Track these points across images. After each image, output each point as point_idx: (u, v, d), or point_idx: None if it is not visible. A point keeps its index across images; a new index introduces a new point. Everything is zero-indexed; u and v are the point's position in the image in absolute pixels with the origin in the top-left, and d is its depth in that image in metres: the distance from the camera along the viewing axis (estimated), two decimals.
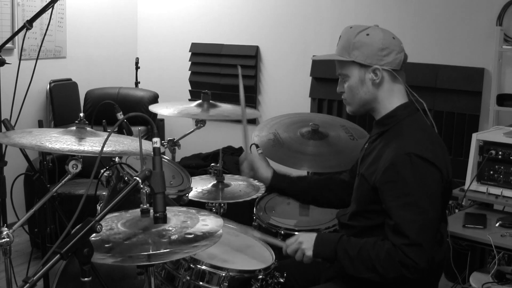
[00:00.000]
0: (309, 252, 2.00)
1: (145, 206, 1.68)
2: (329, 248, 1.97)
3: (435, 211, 1.88)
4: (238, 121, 2.78)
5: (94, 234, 1.45)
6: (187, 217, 1.85)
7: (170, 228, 1.73)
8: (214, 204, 2.78)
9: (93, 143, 1.97)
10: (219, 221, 1.84)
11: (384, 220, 1.91)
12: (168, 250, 1.63)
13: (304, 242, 2.02)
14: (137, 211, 1.75)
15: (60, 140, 1.96)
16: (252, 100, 5.02)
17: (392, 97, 2.02)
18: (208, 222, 1.82)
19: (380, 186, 1.90)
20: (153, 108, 2.94)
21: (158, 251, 1.62)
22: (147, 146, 1.74)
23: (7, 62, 2.34)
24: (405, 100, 2.03)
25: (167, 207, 1.61)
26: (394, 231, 1.85)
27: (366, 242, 1.91)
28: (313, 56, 2.24)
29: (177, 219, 1.81)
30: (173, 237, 1.68)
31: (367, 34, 1.98)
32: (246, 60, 5.02)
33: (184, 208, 1.98)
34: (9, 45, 3.39)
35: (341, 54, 2.03)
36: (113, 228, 1.76)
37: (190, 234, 1.71)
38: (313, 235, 2.03)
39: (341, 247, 1.93)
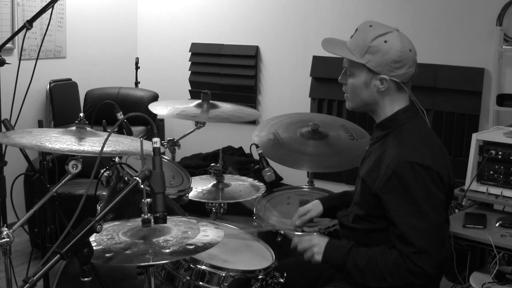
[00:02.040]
0: (319, 257, 2.01)
1: (146, 216, 1.68)
2: (338, 256, 1.98)
3: (440, 217, 1.89)
4: (238, 122, 2.78)
5: (95, 242, 1.45)
6: (188, 228, 1.85)
7: (171, 239, 1.73)
8: (214, 204, 2.78)
9: (93, 143, 1.97)
10: (219, 232, 1.84)
11: (387, 224, 1.92)
12: (168, 261, 1.62)
13: (317, 246, 2.03)
14: (138, 220, 1.75)
15: (60, 140, 1.96)
16: (252, 100, 5.02)
17: (393, 104, 2.01)
18: (208, 233, 1.82)
19: (383, 195, 1.91)
20: (152, 107, 2.93)
21: (158, 262, 1.63)
22: (147, 146, 1.74)
23: (7, 62, 2.34)
24: (405, 104, 2.02)
25: (169, 217, 1.61)
26: (401, 240, 1.86)
27: (374, 252, 1.92)
28: (324, 39, 2.18)
29: (178, 229, 1.81)
30: (173, 248, 1.68)
31: (385, 41, 1.93)
32: (246, 60, 5.01)
33: (185, 218, 1.98)
34: (9, 45, 3.39)
35: (353, 51, 1.98)
36: (114, 237, 1.76)
37: (191, 245, 1.71)
38: (326, 240, 2.04)
39: (351, 258, 1.94)
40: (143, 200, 1.65)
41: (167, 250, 1.67)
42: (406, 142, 1.94)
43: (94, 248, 1.47)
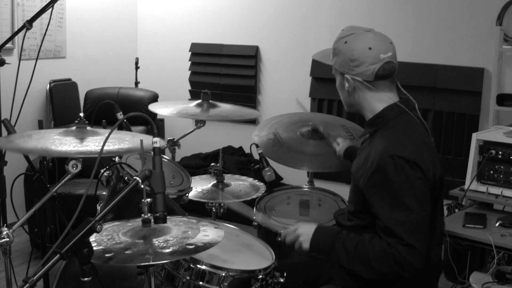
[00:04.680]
0: (306, 245, 2.03)
1: (146, 216, 1.68)
2: (327, 239, 1.99)
3: (424, 210, 1.88)
4: (238, 121, 2.78)
5: (95, 242, 1.45)
6: (188, 227, 1.85)
7: (171, 239, 1.73)
8: (214, 204, 2.78)
9: (98, 143, 1.96)
10: (219, 232, 1.84)
11: (374, 220, 1.93)
12: (168, 261, 1.63)
13: (303, 234, 2.05)
14: (138, 220, 1.75)
15: (64, 143, 1.95)
16: (252, 100, 5.02)
17: (372, 104, 2.04)
18: (208, 233, 1.82)
19: (367, 190, 1.93)
20: (152, 107, 2.93)
21: (158, 262, 1.63)
22: (148, 140, 1.73)
23: (7, 62, 2.35)
24: (392, 101, 2.03)
25: (169, 217, 1.61)
26: (386, 233, 1.87)
27: (363, 237, 1.93)
28: (314, 55, 2.28)
29: (178, 229, 1.81)
30: (173, 248, 1.68)
31: (345, 42, 2.02)
32: (246, 60, 5.02)
33: (185, 218, 1.98)
34: (9, 45, 3.39)
35: (331, 55, 2.10)
36: (114, 237, 1.76)
37: (191, 244, 1.71)
38: (312, 228, 2.05)
39: (340, 240, 1.95)
40: (143, 200, 1.65)
41: (167, 250, 1.67)
42: (390, 137, 1.96)
43: (94, 248, 1.47)
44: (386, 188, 1.88)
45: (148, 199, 1.65)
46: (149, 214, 1.68)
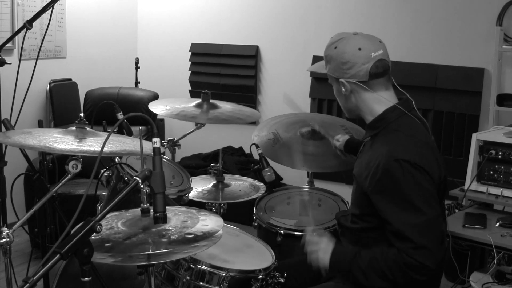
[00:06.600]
0: (324, 262, 2.01)
1: (145, 205, 1.68)
2: (344, 262, 1.98)
3: (434, 211, 1.89)
4: (238, 121, 2.77)
5: (94, 234, 1.45)
6: (187, 217, 1.85)
7: (170, 228, 1.73)
8: (214, 204, 2.78)
9: (98, 143, 1.97)
10: (219, 221, 1.84)
11: (380, 222, 1.93)
12: (168, 250, 1.63)
13: (322, 251, 2.03)
14: (137, 210, 1.75)
15: (67, 141, 1.95)
16: (252, 100, 5.02)
17: (370, 106, 2.04)
18: (208, 222, 1.82)
19: (374, 195, 1.92)
20: (152, 106, 2.92)
21: (157, 251, 1.63)
22: (148, 145, 1.74)
23: (7, 62, 2.34)
24: (390, 104, 2.03)
25: (167, 207, 1.61)
26: (397, 237, 1.87)
27: (375, 252, 1.93)
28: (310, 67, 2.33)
29: (177, 219, 1.81)
30: (173, 237, 1.68)
31: (335, 47, 2.03)
32: (246, 60, 5.01)
33: (184, 208, 1.98)
34: (9, 45, 3.39)
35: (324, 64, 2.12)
36: (113, 227, 1.76)
37: (190, 234, 1.71)
38: (330, 248, 2.03)
39: (355, 263, 1.95)
40: (141, 189, 1.63)
41: (167, 239, 1.67)
42: (393, 140, 1.96)
43: (93, 238, 1.47)
44: (395, 192, 1.88)
45: (147, 188, 1.64)
46: (148, 204, 1.68)
